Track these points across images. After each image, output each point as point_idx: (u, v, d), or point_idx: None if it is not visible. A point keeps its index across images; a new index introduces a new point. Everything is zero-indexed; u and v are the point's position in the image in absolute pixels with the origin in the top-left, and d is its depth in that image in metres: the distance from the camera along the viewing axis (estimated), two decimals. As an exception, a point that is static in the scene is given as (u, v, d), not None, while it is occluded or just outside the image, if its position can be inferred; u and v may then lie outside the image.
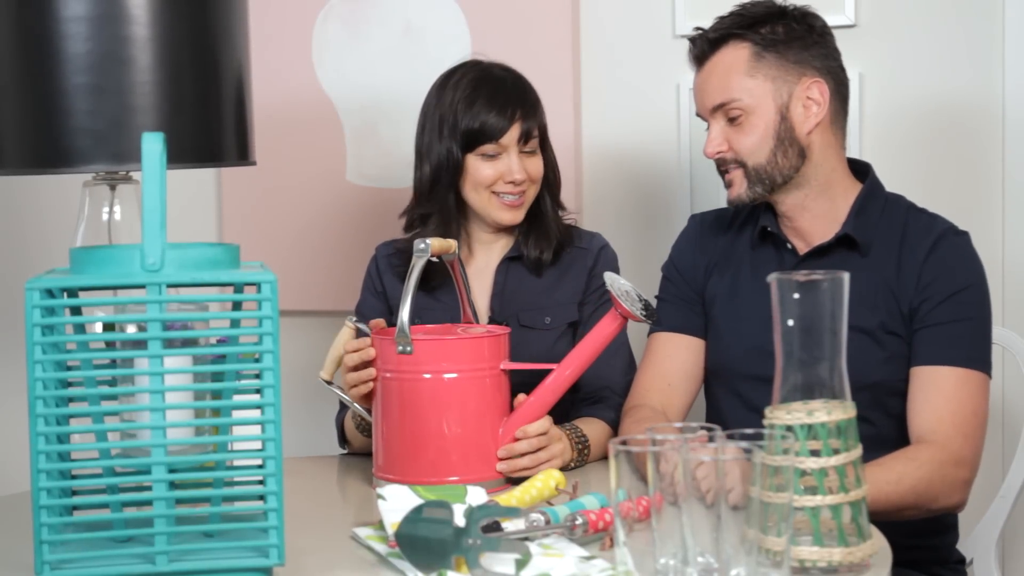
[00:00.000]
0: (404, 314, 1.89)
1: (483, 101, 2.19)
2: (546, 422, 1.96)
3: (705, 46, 2.08)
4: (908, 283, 2.00)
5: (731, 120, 2.05)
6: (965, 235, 2.05)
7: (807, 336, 1.45)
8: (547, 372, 1.97)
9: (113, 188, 2.14)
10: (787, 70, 2.02)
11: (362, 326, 2.04)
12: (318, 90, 2.86)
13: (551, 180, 2.29)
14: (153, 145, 1.43)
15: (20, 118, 2.01)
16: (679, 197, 2.71)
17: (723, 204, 2.33)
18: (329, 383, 2.04)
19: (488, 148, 2.19)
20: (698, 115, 2.13)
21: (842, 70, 2.08)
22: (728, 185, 2.09)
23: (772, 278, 1.47)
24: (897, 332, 2.00)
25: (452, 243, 2.00)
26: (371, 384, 1.95)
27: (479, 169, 2.20)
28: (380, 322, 2.05)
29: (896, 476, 1.84)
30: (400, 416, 1.92)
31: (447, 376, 1.90)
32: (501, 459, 1.93)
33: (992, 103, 2.55)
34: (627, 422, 2.08)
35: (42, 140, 2.00)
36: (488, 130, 2.18)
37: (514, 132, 2.19)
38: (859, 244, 2.03)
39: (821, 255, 2.05)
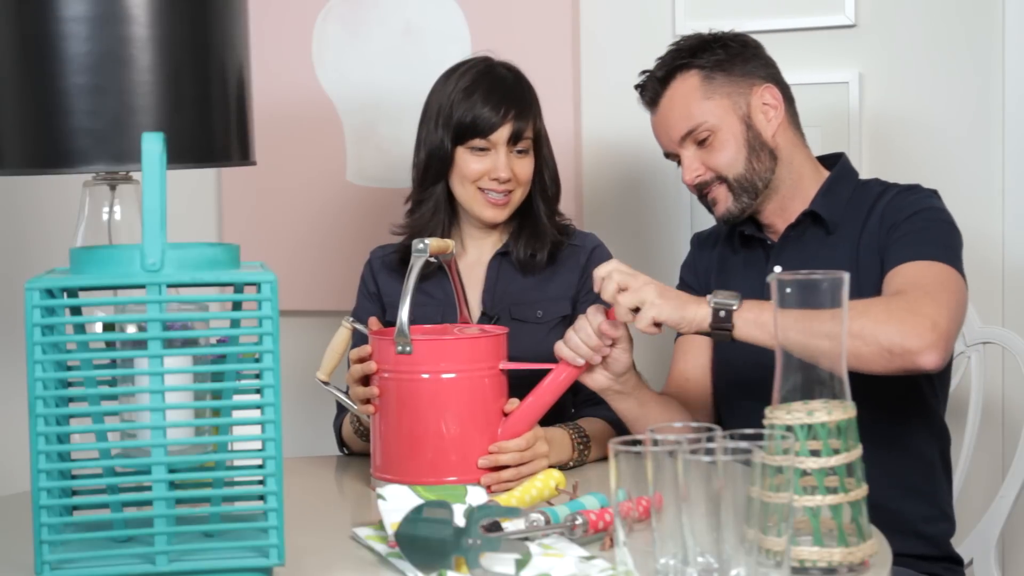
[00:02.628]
0: (403, 314, 1.89)
1: (480, 95, 2.20)
2: (522, 440, 1.93)
3: (656, 86, 2.15)
4: (880, 233, 2.05)
5: (701, 143, 2.12)
6: (933, 190, 2.11)
7: (807, 336, 1.45)
8: (545, 372, 1.97)
9: (113, 188, 2.14)
10: (738, 84, 2.12)
11: (359, 326, 2.04)
12: (318, 90, 2.86)
13: (547, 186, 2.29)
14: (153, 145, 1.43)
15: (20, 118, 2.01)
16: (679, 197, 2.71)
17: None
18: (326, 384, 2.04)
19: (477, 143, 2.20)
20: (666, 155, 2.19)
21: (781, 74, 2.17)
22: (713, 204, 2.16)
23: (772, 278, 1.47)
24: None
25: (450, 243, 2.00)
26: (376, 396, 1.95)
27: (467, 163, 2.21)
28: (378, 321, 2.06)
29: (856, 303, 1.83)
30: (398, 416, 1.92)
31: (445, 376, 1.90)
32: (482, 468, 1.91)
33: (992, 103, 2.55)
34: None
35: (42, 140, 2.00)
36: (479, 124, 2.19)
37: (504, 131, 2.20)
38: (825, 221, 2.11)
39: (797, 237, 2.13)
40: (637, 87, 2.19)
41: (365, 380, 1.96)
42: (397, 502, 1.65)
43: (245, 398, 1.49)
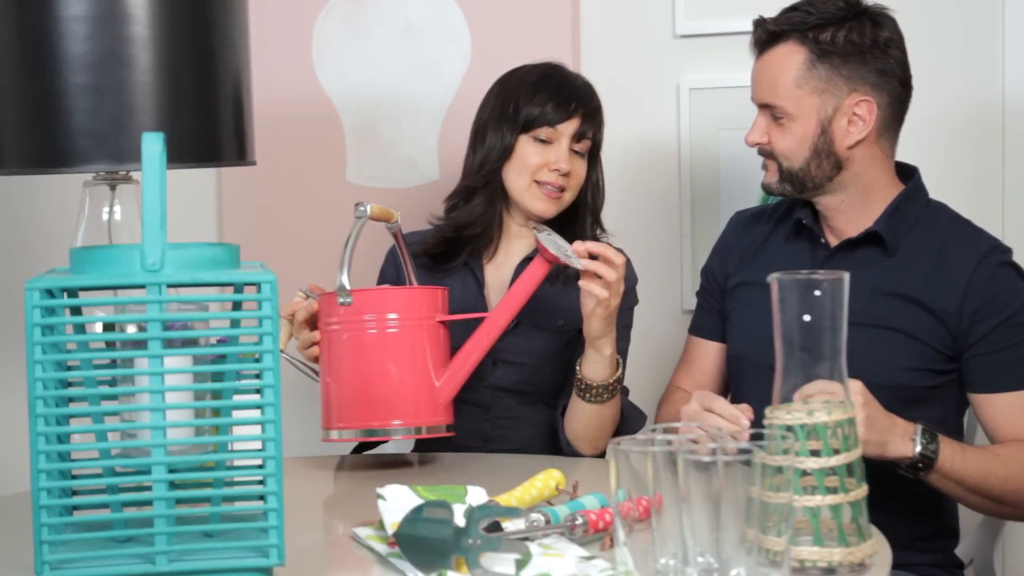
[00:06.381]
0: (344, 278, 1.98)
1: (548, 89, 2.23)
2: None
3: (764, 36, 2.05)
4: (950, 304, 1.98)
5: (775, 118, 2.05)
6: (1009, 251, 2.04)
7: (807, 336, 1.45)
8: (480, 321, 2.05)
9: (113, 188, 2.14)
10: (837, 84, 2.00)
11: (311, 294, 2.11)
12: (318, 90, 2.86)
13: (595, 199, 2.31)
14: (153, 145, 1.43)
15: (20, 118, 2.01)
16: (679, 197, 2.71)
17: (724, 203, 2.34)
18: (282, 352, 2.06)
19: (542, 132, 2.22)
20: (751, 99, 2.11)
21: (902, 82, 2.04)
22: (763, 168, 2.10)
23: (772, 277, 1.47)
24: (926, 342, 1.99)
25: (394, 213, 2.06)
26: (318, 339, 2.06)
27: (528, 153, 2.22)
28: (319, 286, 2.12)
29: (1007, 473, 1.88)
30: (338, 365, 2.02)
31: (376, 325, 1.99)
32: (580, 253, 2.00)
33: (992, 103, 2.55)
34: (665, 404, 2.18)
35: (42, 140, 2.00)
36: (547, 114, 2.21)
37: (571, 125, 2.22)
38: (886, 243, 2.03)
39: (850, 250, 2.06)
40: (753, 23, 2.07)
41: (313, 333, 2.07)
42: (397, 502, 1.65)
43: (245, 398, 1.49)
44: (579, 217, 2.29)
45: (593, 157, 2.29)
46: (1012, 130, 2.53)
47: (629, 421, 2.23)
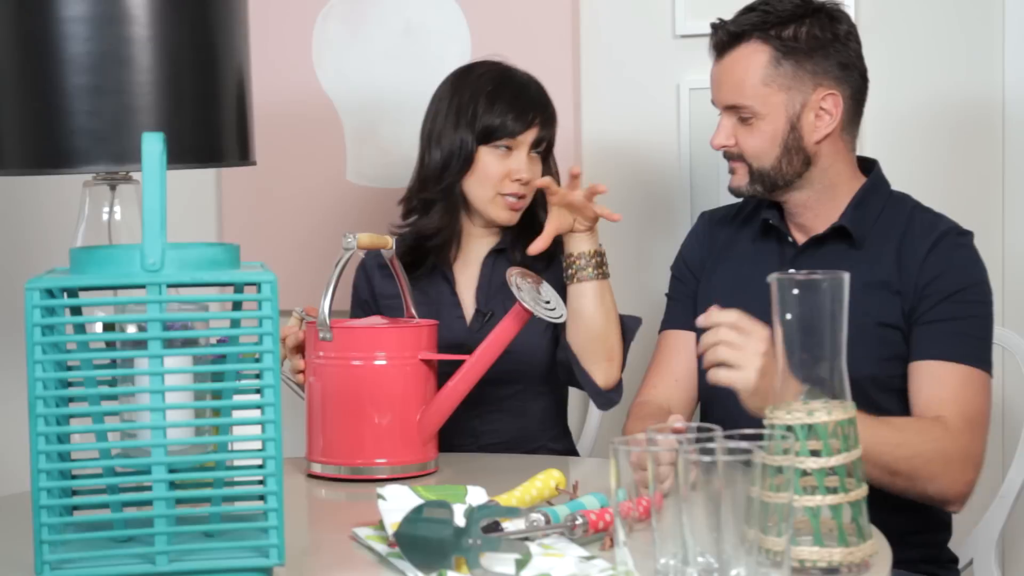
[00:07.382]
0: (325, 307, 1.97)
1: (506, 99, 2.23)
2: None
3: (724, 37, 2.06)
4: (908, 280, 2.00)
5: (742, 119, 2.05)
6: (968, 235, 2.05)
7: (807, 336, 1.45)
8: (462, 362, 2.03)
9: (113, 188, 2.15)
10: (803, 80, 2.02)
11: (306, 316, 2.10)
12: (318, 90, 2.86)
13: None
14: (153, 145, 1.43)
15: (20, 118, 2.01)
16: (679, 197, 2.71)
17: (724, 203, 2.34)
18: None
19: (502, 143, 2.22)
20: (712, 103, 2.13)
21: (861, 74, 2.06)
22: (731, 172, 2.10)
23: (772, 278, 1.47)
24: (896, 326, 2.00)
25: (387, 240, 2.04)
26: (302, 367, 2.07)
27: (489, 164, 2.22)
28: (315, 309, 2.09)
29: (900, 439, 1.84)
30: (323, 401, 2.01)
31: (361, 363, 1.98)
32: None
33: (992, 103, 2.55)
34: (632, 419, 2.11)
35: (42, 140, 2.00)
36: (507, 127, 2.21)
37: (530, 135, 2.23)
38: (853, 236, 2.04)
39: (818, 246, 2.07)
40: (711, 26, 2.09)
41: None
42: (397, 502, 1.65)
43: (245, 398, 1.49)
44: (536, 215, 2.28)
45: (548, 152, 2.30)
46: (1012, 129, 2.53)
47: (628, 328, 2.21)
